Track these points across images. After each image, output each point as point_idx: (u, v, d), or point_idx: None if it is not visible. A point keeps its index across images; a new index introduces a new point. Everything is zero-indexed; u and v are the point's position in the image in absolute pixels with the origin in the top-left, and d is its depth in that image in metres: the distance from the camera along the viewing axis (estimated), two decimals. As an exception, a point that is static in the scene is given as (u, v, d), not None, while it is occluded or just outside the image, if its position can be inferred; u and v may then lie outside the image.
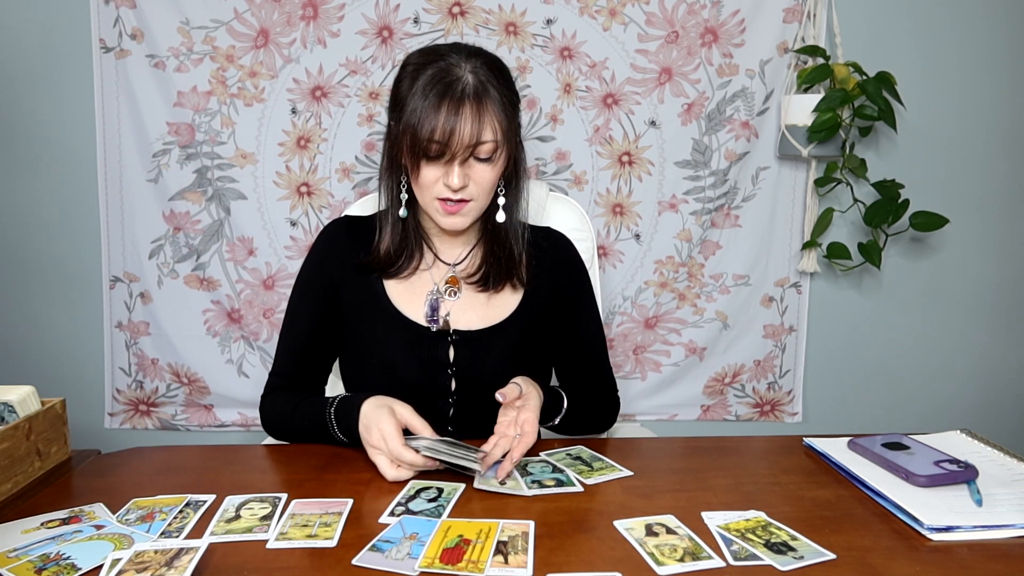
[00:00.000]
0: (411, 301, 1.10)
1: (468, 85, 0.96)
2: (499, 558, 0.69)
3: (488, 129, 0.96)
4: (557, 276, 1.15)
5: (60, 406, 0.99)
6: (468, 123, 0.94)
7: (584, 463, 0.94)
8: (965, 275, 1.90)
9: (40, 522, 0.80)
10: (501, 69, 1.02)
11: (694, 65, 1.76)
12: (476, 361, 1.08)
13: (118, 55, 1.72)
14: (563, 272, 1.16)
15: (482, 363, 1.08)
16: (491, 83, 0.98)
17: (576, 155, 1.79)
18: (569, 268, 1.18)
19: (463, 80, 0.96)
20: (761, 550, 0.71)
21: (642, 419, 1.91)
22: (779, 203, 1.83)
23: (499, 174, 1.02)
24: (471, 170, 0.99)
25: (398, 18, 1.73)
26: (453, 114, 0.94)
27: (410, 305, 1.10)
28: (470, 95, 0.95)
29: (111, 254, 1.81)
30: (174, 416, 1.88)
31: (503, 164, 1.02)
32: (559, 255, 1.17)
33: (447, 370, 1.08)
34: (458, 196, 0.99)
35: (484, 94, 0.96)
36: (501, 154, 1.00)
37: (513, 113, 1.01)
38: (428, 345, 1.08)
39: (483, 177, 1.00)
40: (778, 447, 1.02)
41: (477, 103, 0.95)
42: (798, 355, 1.90)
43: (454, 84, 0.95)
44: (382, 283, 1.11)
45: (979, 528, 0.75)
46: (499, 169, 1.01)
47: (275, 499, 0.83)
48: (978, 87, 1.82)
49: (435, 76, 0.96)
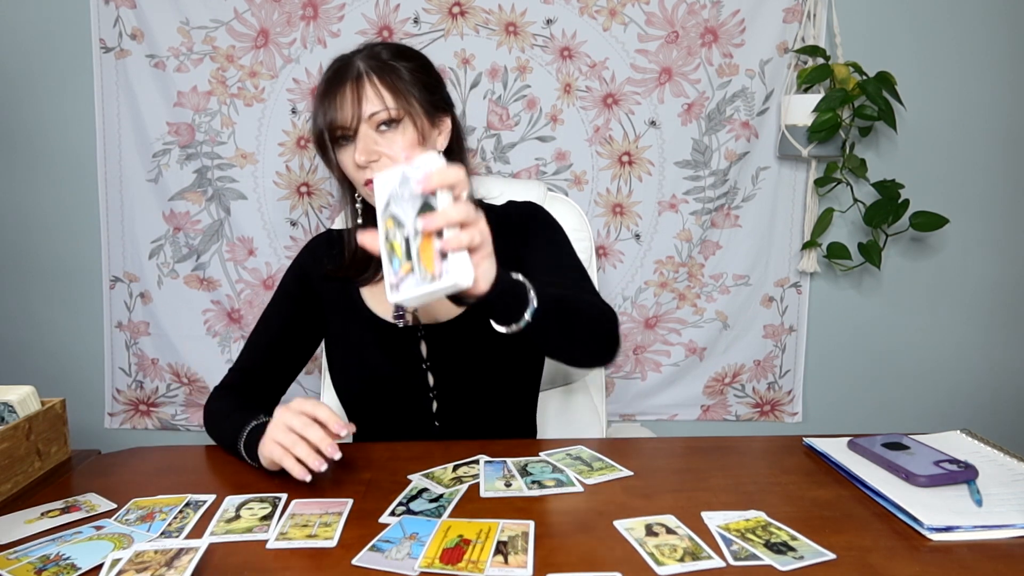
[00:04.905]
0: (383, 302, 1.11)
1: (352, 69, 1.01)
2: (499, 558, 0.69)
3: (374, 99, 0.99)
4: (516, 242, 1.10)
5: (60, 406, 0.99)
6: (350, 97, 0.99)
7: (584, 463, 0.94)
8: (965, 275, 1.90)
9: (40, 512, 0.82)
10: (398, 49, 1.06)
11: (694, 65, 1.76)
12: (449, 353, 1.09)
13: (118, 55, 1.72)
14: (520, 235, 1.12)
15: (455, 354, 1.08)
16: (377, 59, 1.02)
17: (576, 155, 1.79)
18: (526, 226, 1.13)
19: (350, 67, 1.01)
20: (761, 550, 0.71)
21: (642, 419, 1.91)
22: (779, 203, 1.83)
23: (412, 143, 1.01)
24: (380, 145, 1.00)
25: (398, 18, 1.73)
26: (339, 95, 1.00)
27: (383, 306, 1.12)
28: (352, 76, 1.00)
29: (111, 254, 1.81)
30: (174, 416, 1.88)
31: (415, 133, 1.02)
32: (518, 222, 1.13)
33: (422, 365, 1.09)
34: (375, 172, 1.00)
35: (369, 71, 1.00)
36: (406, 122, 1.01)
37: (413, 80, 1.03)
38: (400, 343, 1.09)
39: (393, 148, 1.01)
40: (778, 447, 1.02)
41: (358, 81, 1.00)
42: (798, 355, 1.90)
43: (341, 71, 1.02)
44: (359, 290, 1.13)
45: (979, 528, 0.75)
46: (409, 138, 1.01)
47: (275, 499, 0.83)
48: (978, 87, 1.82)
49: (326, 75, 1.03)
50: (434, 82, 1.07)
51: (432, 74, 1.08)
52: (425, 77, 1.05)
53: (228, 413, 1.02)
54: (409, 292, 0.72)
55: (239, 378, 1.13)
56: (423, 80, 1.05)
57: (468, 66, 1.75)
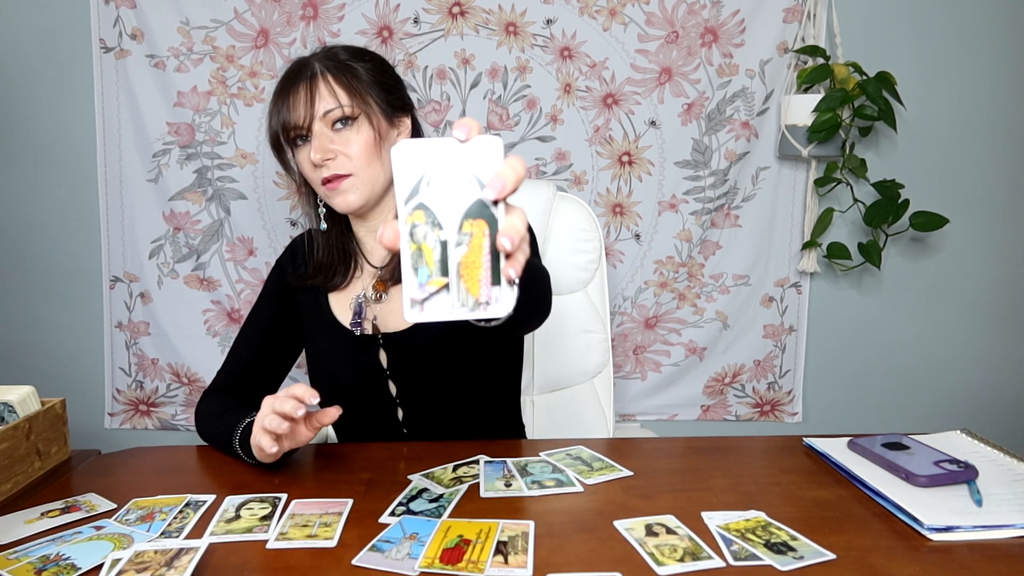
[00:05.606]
0: (346, 308, 1.11)
1: (308, 69, 1.01)
2: (499, 558, 0.69)
3: (328, 98, 1.00)
4: None
5: (60, 406, 0.99)
6: (303, 97, 1.00)
7: (584, 463, 0.94)
8: (965, 275, 1.90)
9: (40, 512, 0.82)
10: (356, 50, 1.06)
11: (694, 65, 1.76)
12: (407, 362, 1.07)
13: (118, 55, 1.72)
14: None
15: (413, 363, 1.07)
16: (333, 60, 1.02)
17: (576, 155, 1.79)
18: None
19: (305, 68, 1.02)
20: (761, 550, 0.71)
21: (642, 419, 1.91)
22: (779, 203, 1.83)
23: (369, 141, 1.01)
24: (336, 144, 1.00)
25: (398, 18, 1.73)
26: (293, 95, 1.00)
27: (345, 313, 1.11)
28: (307, 76, 1.01)
29: (111, 254, 1.81)
30: (174, 416, 1.88)
31: (372, 131, 1.02)
32: None
33: (382, 374, 1.08)
34: (331, 171, 1.01)
35: (325, 71, 1.01)
36: (362, 120, 1.01)
37: (370, 80, 1.03)
38: (360, 351, 1.08)
39: (350, 147, 1.01)
40: (778, 447, 1.02)
41: (312, 80, 1.00)
42: (798, 355, 1.90)
43: (296, 72, 1.02)
44: (326, 296, 1.13)
45: (979, 528, 0.75)
46: (366, 136, 1.01)
47: (275, 499, 0.83)
48: (978, 87, 1.82)
49: (282, 77, 1.04)
50: (392, 82, 1.07)
51: (390, 74, 1.08)
52: (382, 77, 1.05)
53: (220, 414, 1.02)
54: (439, 314, 0.57)
55: (228, 380, 1.14)
56: (380, 80, 1.05)
57: (468, 66, 1.75)
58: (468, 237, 0.56)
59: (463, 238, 0.56)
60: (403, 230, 0.57)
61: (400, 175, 0.56)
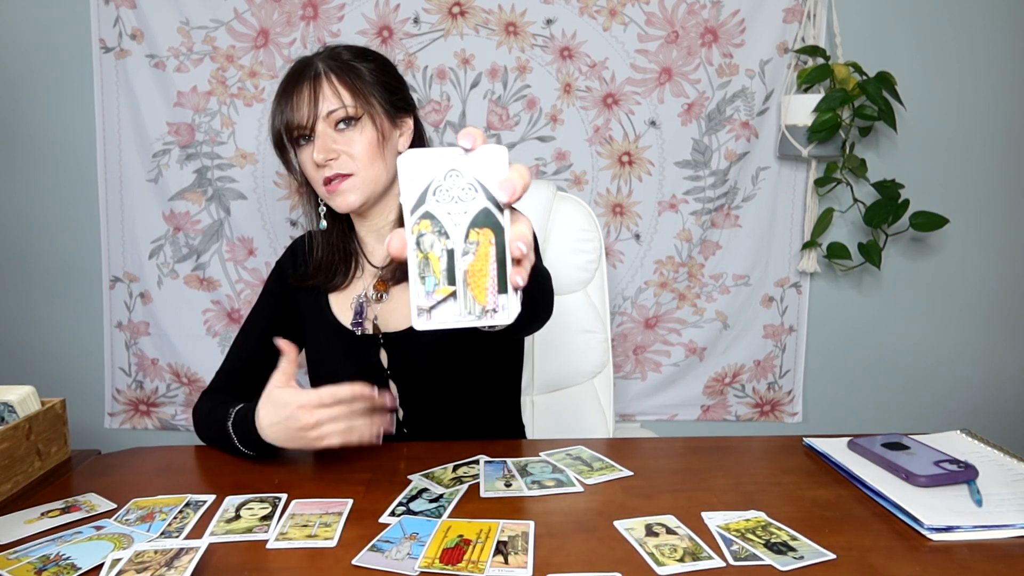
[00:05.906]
0: (346, 309, 1.11)
1: (311, 69, 1.01)
2: (499, 558, 0.69)
3: (332, 98, 1.00)
4: None
5: (60, 406, 0.99)
6: (307, 97, 1.00)
7: (584, 463, 0.94)
8: (965, 275, 1.90)
9: (40, 512, 0.82)
10: (359, 50, 1.06)
11: (694, 65, 1.76)
12: (407, 362, 1.07)
13: (118, 55, 1.72)
14: None
15: (414, 363, 1.07)
16: (337, 60, 1.02)
17: (576, 155, 1.79)
18: None
19: (309, 68, 1.02)
20: (761, 550, 0.71)
21: (642, 419, 1.91)
22: (779, 203, 1.83)
23: (372, 142, 1.02)
24: (339, 144, 1.01)
25: (398, 18, 1.73)
26: (296, 95, 1.00)
27: (345, 313, 1.11)
28: (310, 76, 1.01)
29: (111, 254, 1.81)
30: (174, 416, 1.88)
31: (375, 132, 1.02)
32: None
33: (383, 374, 1.08)
34: (333, 171, 1.01)
35: (328, 71, 1.01)
36: (365, 121, 1.01)
37: (373, 80, 1.03)
38: (361, 351, 1.09)
39: (352, 147, 1.01)
40: (778, 447, 1.02)
41: (316, 80, 1.00)
42: (798, 355, 1.90)
43: (299, 72, 1.02)
44: (326, 296, 1.13)
45: (979, 528, 0.75)
46: (369, 136, 1.01)
47: (275, 499, 0.83)
48: (978, 87, 1.82)
49: (285, 77, 1.03)
50: (395, 82, 1.07)
51: (393, 74, 1.08)
52: (385, 77, 1.06)
53: (212, 408, 1.03)
54: (446, 321, 0.59)
55: (226, 381, 1.14)
56: (383, 80, 1.05)
57: (468, 66, 1.75)
58: (474, 246, 0.58)
59: (469, 247, 0.58)
60: (410, 239, 0.58)
61: (406, 184, 0.58)
